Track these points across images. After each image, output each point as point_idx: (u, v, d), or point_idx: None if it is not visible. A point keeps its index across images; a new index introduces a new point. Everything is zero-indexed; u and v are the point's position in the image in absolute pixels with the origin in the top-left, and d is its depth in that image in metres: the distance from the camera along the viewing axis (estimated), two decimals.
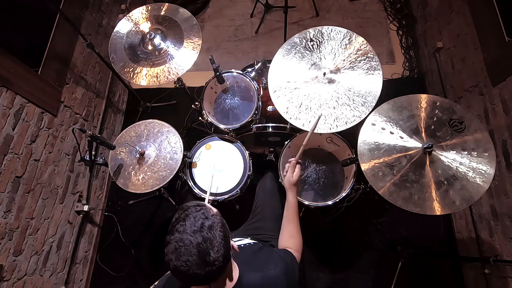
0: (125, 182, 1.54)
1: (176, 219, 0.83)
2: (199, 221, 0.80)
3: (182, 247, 0.77)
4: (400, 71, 2.71)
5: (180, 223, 0.81)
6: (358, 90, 1.35)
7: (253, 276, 0.95)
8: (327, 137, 1.67)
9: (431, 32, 2.54)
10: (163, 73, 1.62)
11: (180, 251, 0.77)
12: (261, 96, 1.77)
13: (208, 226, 0.80)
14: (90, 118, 2.29)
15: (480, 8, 1.95)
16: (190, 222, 0.80)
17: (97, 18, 2.45)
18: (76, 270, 2.07)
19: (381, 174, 1.22)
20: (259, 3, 2.95)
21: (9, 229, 1.58)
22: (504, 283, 1.72)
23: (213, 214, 0.84)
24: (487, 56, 1.89)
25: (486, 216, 1.87)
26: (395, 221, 2.14)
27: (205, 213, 0.83)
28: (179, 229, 0.80)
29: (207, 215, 0.83)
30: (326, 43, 1.43)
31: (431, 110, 1.26)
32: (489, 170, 1.16)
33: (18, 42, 1.76)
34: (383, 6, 2.99)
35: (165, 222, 2.30)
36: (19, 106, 1.66)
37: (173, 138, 1.60)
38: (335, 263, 2.10)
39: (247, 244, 1.18)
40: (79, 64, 2.21)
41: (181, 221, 0.81)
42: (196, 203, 0.87)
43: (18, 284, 1.62)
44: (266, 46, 2.90)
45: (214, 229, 0.81)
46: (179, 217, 0.83)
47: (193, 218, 0.81)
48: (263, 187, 1.65)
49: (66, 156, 2.02)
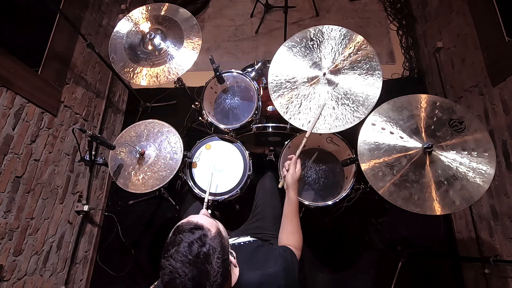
0: (125, 182, 1.54)
1: (171, 242, 0.79)
2: (194, 249, 0.76)
3: (176, 278, 0.74)
4: (400, 71, 2.71)
5: (175, 248, 0.77)
6: (357, 91, 1.35)
7: (253, 275, 0.95)
8: (327, 137, 1.67)
9: (431, 32, 2.54)
10: (163, 73, 1.62)
11: (175, 282, 0.74)
12: (261, 96, 1.77)
13: (205, 255, 0.76)
14: (90, 118, 2.29)
15: (480, 8, 1.95)
16: (185, 249, 0.76)
17: (97, 18, 2.45)
18: (76, 270, 2.07)
19: (381, 174, 1.22)
20: (259, 3, 2.95)
21: (9, 229, 1.58)
22: (504, 283, 1.72)
23: (211, 237, 0.79)
24: (487, 56, 1.89)
25: (486, 216, 1.87)
26: (395, 221, 2.14)
27: (202, 238, 0.78)
28: (173, 255, 0.76)
29: (204, 240, 0.78)
30: (326, 43, 1.43)
31: (431, 110, 1.26)
32: (489, 170, 1.16)
33: (18, 42, 1.76)
34: (383, 6, 2.99)
35: (165, 222, 2.30)
36: (19, 106, 1.66)
37: (173, 138, 1.60)
38: (335, 263, 2.10)
39: (247, 241, 1.18)
40: (79, 64, 2.21)
41: (176, 245, 0.77)
42: (193, 224, 0.81)
43: (18, 284, 1.62)
44: (266, 46, 2.90)
45: (211, 257, 0.77)
46: (174, 241, 0.78)
47: (188, 245, 0.76)
48: (263, 187, 1.65)
49: (66, 156, 2.02)
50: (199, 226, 0.81)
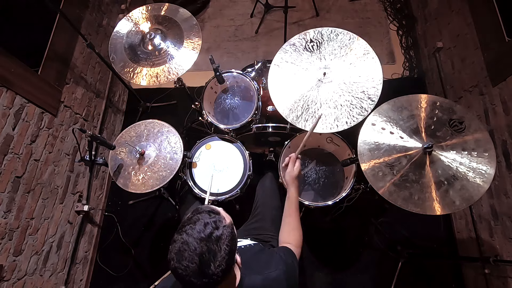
0: (125, 182, 1.54)
1: (188, 219, 0.82)
2: (208, 229, 0.79)
3: (186, 251, 0.76)
4: (400, 71, 2.71)
5: (191, 225, 0.80)
6: (357, 91, 1.35)
7: (254, 279, 0.95)
8: (327, 137, 1.67)
9: (431, 32, 2.54)
10: (163, 73, 1.62)
11: (183, 254, 0.76)
12: (261, 96, 1.77)
13: (216, 237, 0.79)
14: (90, 118, 2.29)
15: (480, 8, 1.95)
16: (200, 227, 0.79)
17: (97, 18, 2.45)
18: (76, 270, 2.07)
19: (381, 174, 1.22)
20: (259, 3, 2.95)
21: (9, 229, 1.58)
22: (504, 283, 1.72)
23: (225, 225, 0.82)
24: (487, 56, 1.89)
25: (486, 216, 1.87)
26: (395, 221, 2.14)
27: (217, 222, 0.81)
28: (187, 231, 0.79)
29: (218, 225, 0.81)
30: (326, 44, 1.43)
31: (431, 110, 1.26)
32: (489, 170, 1.16)
33: (18, 42, 1.77)
34: (383, 6, 2.99)
35: (165, 222, 2.30)
36: (19, 106, 1.66)
37: (173, 138, 1.60)
38: (335, 263, 2.10)
39: (248, 245, 1.18)
40: (79, 64, 2.21)
41: (192, 223, 0.80)
42: (212, 208, 0.86)
43: (18, 284, 1.62)
44: (266, 46, 2.90)
45: (222, 242, 0.79)
46: (191, 219, 0.82)
47: (204, 224, 0.80)
48: (263, 187, 1.65)
49: (66, 156, 2.02)
50: (217, 211, 0.85)
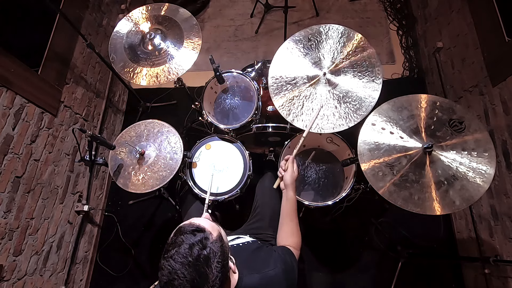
0: (125, 182, 1.54)
1: (172, 242, 0.78)
2: (195, 251, 0.75)
3: (175, 279, 0.74)
4: (400, 71, 2.71)
5: (176, 249, 0.76)
6: (357, 91, 1.35)
7: (252, 278, 0.95)
8: (327, 137, 1.67)
9: (431, 32, 2.54)
10: (163, 73, 1.62)
11: (173, 283, 0.74)
12: (261, 96, 1.77)
13: (205, 258, 0.76)
14: (90, 118, 2.29)
15: (480, 8, 1.95)
16: (185, 251, 0.75)
17: (97, 18, 2.45)
18: (76, 270, 2.07)
19: (381, 174, 1.22)
20: (259, 3, 2.94)
21: (9, 229, 1.58)
22: (504, 283, 1.72)
23: (212, 241, 0.79)
24: (487, 56, 1.89)
25: (486, 216, 1.87)
26: (395, 221, 2.14)
27: (203, 240, 0.78)
28: (173, 256, 0.76)
29: (205, 243, 0.77)
30: (324, 42, 1.43)
31: (431, 110, 1.26)
32: (489, 170, 1.16)
33: (18, 42, 1.76)
34: (383, 6, 2.99)
35: (165, 222, 2.30)
36: (19, 106, 1.66)
37: (173, 138, 1.60)
38: (335, 263, 2.09)
39: (246, 242, 1.18)
40: (79, 64, 2.21)
41: (176, 246, 0.77)
42: (195, 226, 0.81)
43: (18, 284, 1.62)
44: (266, 46, 2.90)
45: (211, 261, 0.76)
46: (176, 241, 0.78)
47: (189, 247, 0.76)
48: (262, 187, 1.64)
49: (66, 156, 2.02)
50: (201, 229, 0.81)
